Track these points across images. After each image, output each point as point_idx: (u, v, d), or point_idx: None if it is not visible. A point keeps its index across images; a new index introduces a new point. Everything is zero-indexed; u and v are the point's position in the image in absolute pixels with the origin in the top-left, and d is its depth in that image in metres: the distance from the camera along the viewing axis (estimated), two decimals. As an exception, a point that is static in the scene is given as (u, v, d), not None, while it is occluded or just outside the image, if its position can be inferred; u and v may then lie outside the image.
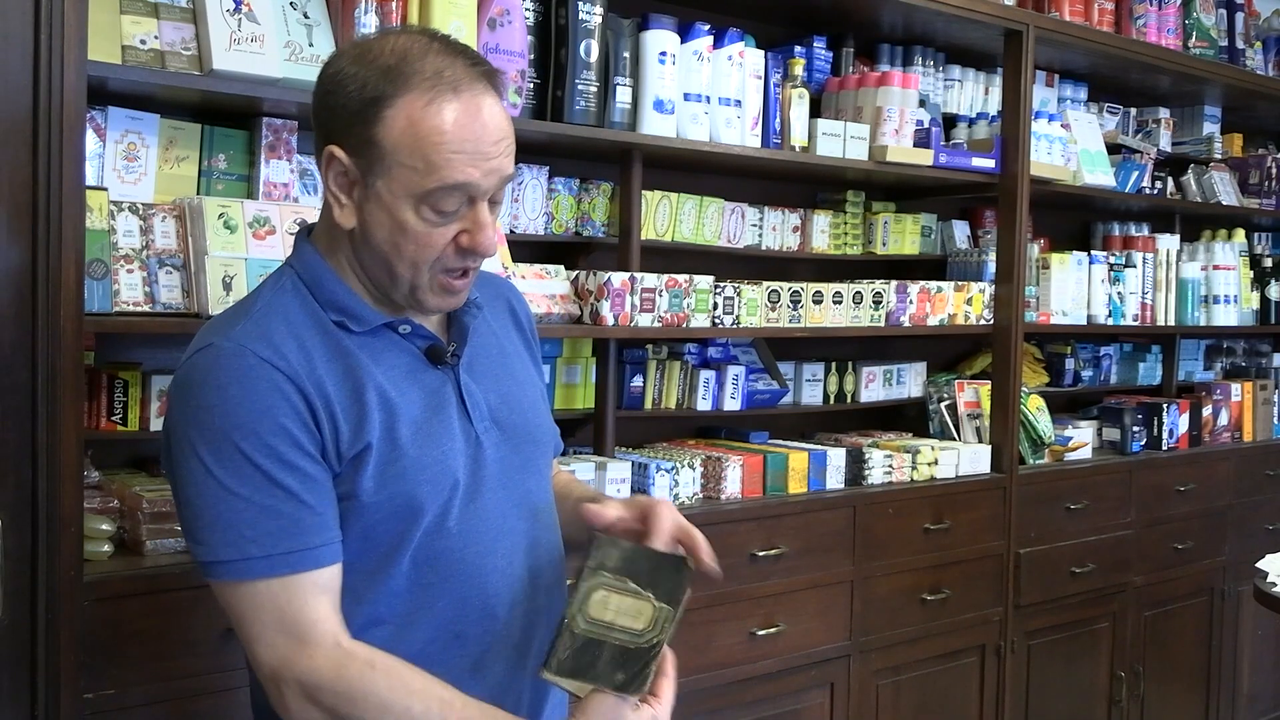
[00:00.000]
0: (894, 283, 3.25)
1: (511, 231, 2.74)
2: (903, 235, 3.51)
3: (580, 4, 2.55)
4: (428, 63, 1.34)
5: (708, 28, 2.84)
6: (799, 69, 3.02)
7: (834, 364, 3.37)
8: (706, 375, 3.00)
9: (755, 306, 2.94)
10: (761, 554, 2.74)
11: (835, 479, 3.04)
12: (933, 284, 3.34)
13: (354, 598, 1.37)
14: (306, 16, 2.25)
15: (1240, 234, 4.41)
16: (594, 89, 2.59)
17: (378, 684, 1.30)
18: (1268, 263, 4.49)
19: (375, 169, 1.34)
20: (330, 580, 1.34)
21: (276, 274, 1.45)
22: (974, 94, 3.65)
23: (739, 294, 2.91)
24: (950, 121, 3.59)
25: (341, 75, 1.36)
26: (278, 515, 1.31)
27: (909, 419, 3.63)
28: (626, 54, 2.67)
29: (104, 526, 2.02)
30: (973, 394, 3.49)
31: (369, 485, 1.35)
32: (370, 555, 1.38)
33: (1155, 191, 3.99)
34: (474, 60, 1.37)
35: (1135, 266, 3.97)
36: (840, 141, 3.07)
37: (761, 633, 2.76)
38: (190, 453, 1.32)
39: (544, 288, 2.65)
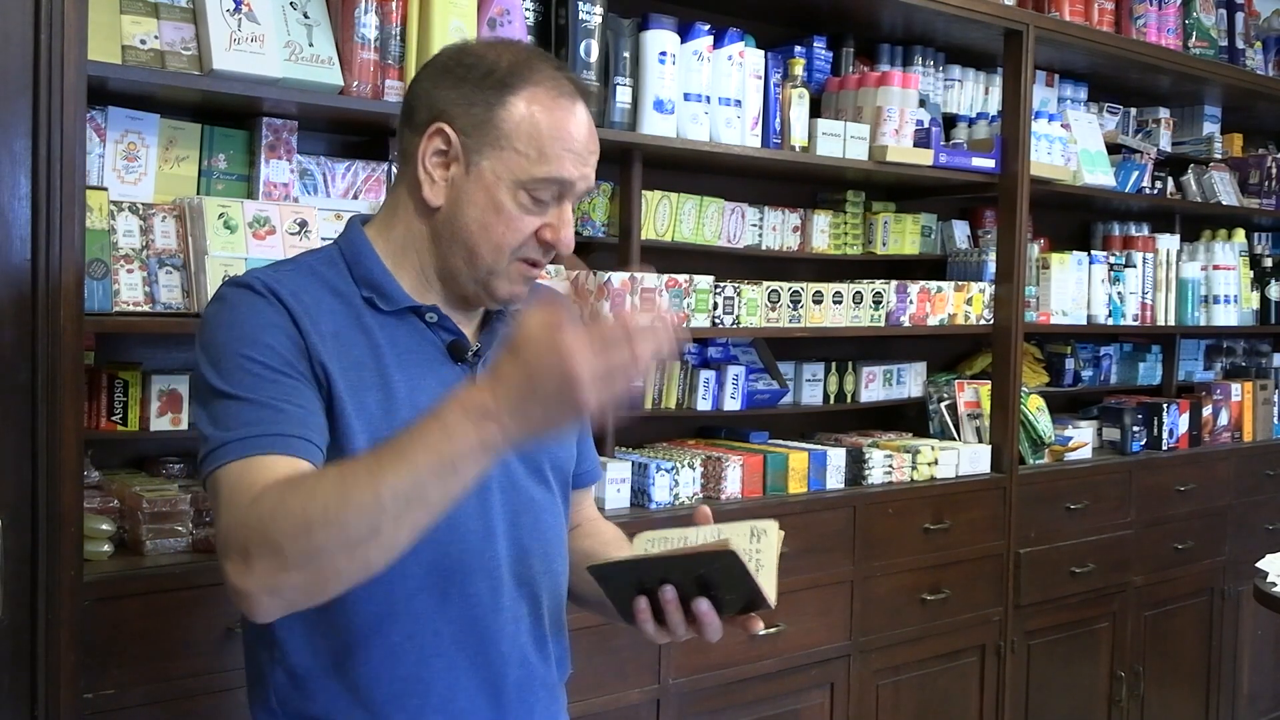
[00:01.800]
0: (894, 283, 3.25)
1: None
2: (903, 235, 3.51)
3: (580, 4, 2.56)
4: (548, 67, 1.44)
5: (708, 28, 2.84)
6: (799, 69, 3.02)
7: (834, 364, 3.37)
8: (706, 375, 3.00)
9: (755, 306, 2.94)
10: (761, 554, 2.73)
11: (835, 479, 3.04)
12: (933, 284, 3.34)
13: None
14: (306, 16, 2.25)
15: (1240, 234, 4.41)
16: (594, 89, 2.59)
17: (293, 482, 1.22)
18: (1268, 263, 4.50)
19: (485, 149, 1.39)
20: (294, 467, 1.28)
21: (321, 248, 1.50)
22: (974, 94, 3.65)
23: (739, 294, 2.91)
24: (950, 121, 3.59)
25: (467, 58, 1.43)
26: (260, 407, 1.29)
27: (909, 419, 3.63)
28: (626, 54, 2.67)
29: (104, 526, 2.03)
30: (973, 394, 3.49)
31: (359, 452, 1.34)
32: None
33: (1155, 191, 3.99)
34: (580, 79, 1.48)
35: (1135, 266, 3.97)
36: (840, 141, 3.07)
37: (761, 633, 2.75)
38: (200, 371, 1.36)
39: (544, 288, 2.65)
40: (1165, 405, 3.96)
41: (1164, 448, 3.94)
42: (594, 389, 1.10)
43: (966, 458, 3.31)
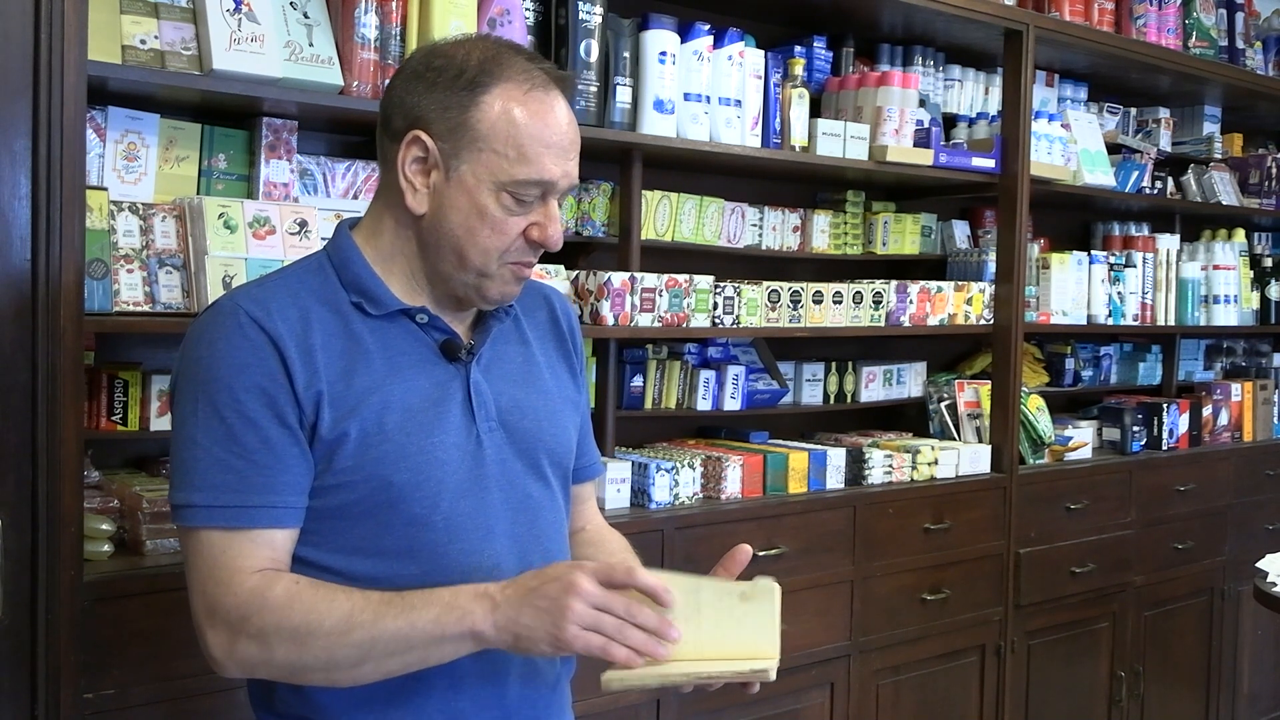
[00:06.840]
0: (894, 283, 3.25)
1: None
2: (903, 235, 3.51)
3: (580, 4, 2.55)
4: (519, 60, 1.41)
5: (708, 28, 2.84)
6: (799, 69, 3.02)
7: (834, 364, 3.37)
8: (706, 375, 3.00)
9: (755, 306, 2.94)
10: (761, 554, 2.73)
11: (835, 479, 3.04)
12: (933, 284, 3.34)
13: (331, 578, 1.37)
14: (306, 16, 2.25)
15: (1240, 234, 4.41)
16: (594, 89, 2.59)
17: (304, 593, 1.32)
18: (1268, 263, 4.50)
19: (463, 153, 1.38)
20: (269, 541, 1.35)
21: (309, 255, 1.50)
22: (974, 94, 3.65)
23: (739, 294, 2.91)
24: (950, 121, 3.59)
25: (437, 60, 1.41)
26: (228, 469, 1.33)
27: (909, 419, 3.63)
28: (626, 54, 2.67)
29: (104, 526, 2.03)
30: (973, 394, 3.49)
31: (347, 464, 1.36)
32: (349, 536, 1.38)
33: (1155, 191, 3.99)
34: (553, 68, 1.44)
35: (1135, 266, 3.97)
36: (840, 141, 3.07)
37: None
38: (177, 400, 1.39)
39: (544, 288, 2.65)
40: (1165, 405, 3.96)
41: (1164, 448, 3.94)
42: (576, 630, 1.27)
43: (966, 458, 3.31)
